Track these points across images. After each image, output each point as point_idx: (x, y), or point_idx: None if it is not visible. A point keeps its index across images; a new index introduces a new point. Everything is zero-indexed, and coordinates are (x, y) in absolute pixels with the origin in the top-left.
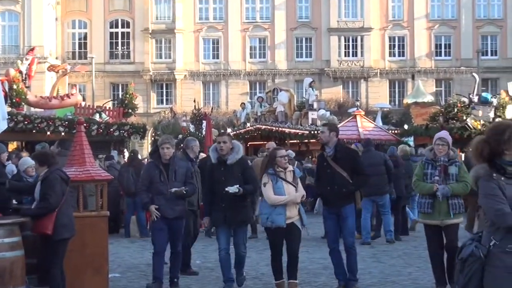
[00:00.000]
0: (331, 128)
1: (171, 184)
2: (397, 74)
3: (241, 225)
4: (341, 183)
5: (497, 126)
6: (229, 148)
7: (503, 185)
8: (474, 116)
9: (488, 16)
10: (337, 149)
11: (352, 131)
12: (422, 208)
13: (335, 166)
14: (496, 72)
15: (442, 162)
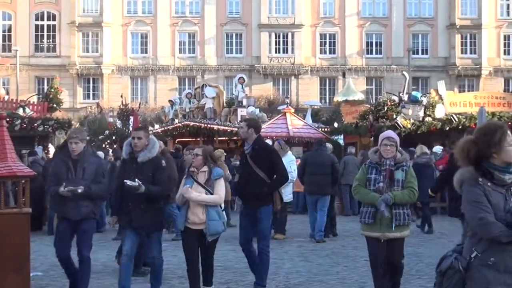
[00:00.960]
0: (250, 124)
1: (79, 182)
2: (327, 71)
3: (152, 230)
4: (257, 183)
5: (487, 126)
6: (144, 144)
7: (489, 191)
8: (404, 115)
9: (419, 15)
10: (255, 147)
11: (282, 129)
12: (363, 218)
13: (252, 164)
14: (426, 71)
15: (387, 166)
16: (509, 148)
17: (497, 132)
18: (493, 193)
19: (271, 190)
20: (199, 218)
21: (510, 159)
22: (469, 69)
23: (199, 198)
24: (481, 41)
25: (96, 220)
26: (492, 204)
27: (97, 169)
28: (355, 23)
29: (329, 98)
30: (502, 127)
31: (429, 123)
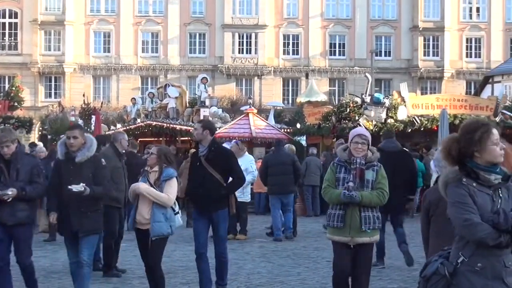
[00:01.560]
0: (205, 125)
1: (12, 184)
2: (291, 72)
3: (88, 234)
4: (213, 186)
5: (469, 124)
6: (81, 143)
7: (474, 191)
8: (367, 116)
9: (382, 17)
10: (211, 149)
11: (245, 129)
12: (332, 221)
13: (208, 166)
14: (389, 73)
15: (358, 165)
16: (492, 148)
17: (478, 130)
18: (479, 194)
19: (229, 192)
20: (144, 218)
21: (494, 159)
22: (432, 71)
23: (147, 190)
24: (443, 44)
25: (32, 224)
26: (478, 205)
27: (32, 170)
28: (319, 24)
29: (292, 99)
30: (484, 125)
31: (391, 125)
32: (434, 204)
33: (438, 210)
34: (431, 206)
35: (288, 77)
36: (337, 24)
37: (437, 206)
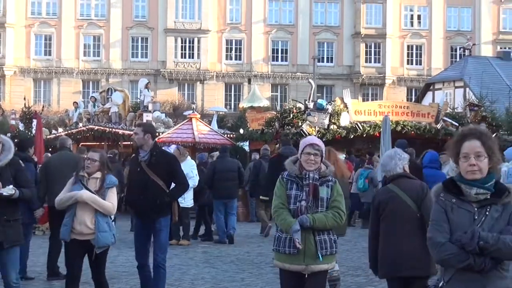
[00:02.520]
0: (146, 129)
1: None
2: (233, 77)
3: (13, 244)
4: (156, 193)
5: (459, 131)
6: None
7: (452, 208)
8: (310, 122)
9: (325, 23)
10: (153, 154)
11: (188, 134)
12: (282, 246)
13: (150, 172)
14: (331, 79)
15: (311, 181)
16: (460, 161)
17: (454, 141)
18: (457, 211)
19: (173, 199)
20: (87, 227)
21: (463, 173)
22: (373, 78)
23: (92, 199)
24: (385, 51)
25: None
26: (454, 223)
27: None
28: (261, 30)
29: (235, 104)
30: (461, 135)
31: (334, 131)
32: (384, 203)
33: (387, 210)
34: (381, 205)
35: (231, 82)
36: (279, 30)
37: (386, 206)
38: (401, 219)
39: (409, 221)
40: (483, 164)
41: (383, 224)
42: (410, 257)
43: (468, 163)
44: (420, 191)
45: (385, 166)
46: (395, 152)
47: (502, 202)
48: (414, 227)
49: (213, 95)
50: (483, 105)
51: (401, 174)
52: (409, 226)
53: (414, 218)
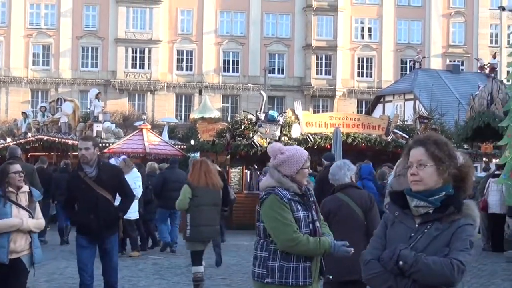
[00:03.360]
0: (95, 143)
1: None
2: (184, 88)
3: None
4: (107, 209)
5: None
6: None
7: (392, 221)
8: (261, 134)
9: (276, 35)
10: (100, 168)
11: (138, 145)
12: (294, 278)
13: (99, 188)
14: (282, 90)
15: (312, 198)
16: (408, 171)
17: (404, 151)
18: (397, 225)
19: (124, 214)
20: (21, 246)
21: (410, 185)
22: (324, 89)
23: (36, 225)
24: (336, 63)
25: None
26: (390, 239)
27: None
28: (213, 41)
29: (185, 115)
30: (409, 144)
31: (285, 142)
32: (333, 212)
33: (336, 218)
34: (331, 213)
35: (182, 93)
36: (231, 41)
37: (336, 214)
38: (350, 226)
39: (357, 228)
40: (425, 173)
41: (333, 231)
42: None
43: (409, 173)
44: (368, 201)
45: (334, 176)
46: (344, 163)
47: (450, 219)
48: (361, 234)
49: (163, 106)
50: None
51: (350, 184)
52: (357, 233)
53: (361, 226)
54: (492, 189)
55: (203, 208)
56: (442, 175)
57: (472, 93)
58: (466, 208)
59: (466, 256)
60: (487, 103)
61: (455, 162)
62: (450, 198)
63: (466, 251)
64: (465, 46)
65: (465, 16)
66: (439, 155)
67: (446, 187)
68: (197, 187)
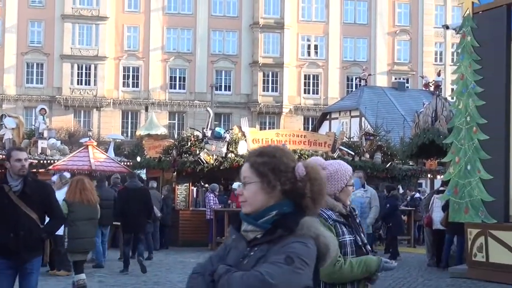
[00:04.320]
0: (27, 156)
1: None
2: (130, 105)
3: None
4: (29, 229)
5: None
6: None
7: (230, 246)
8: (207, 151)
9: (223, 51)
10: (26, 183)
11: (84, 162)
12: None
13: (23, 205)
14: (229, 107)
15: (357, 218)
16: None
17: None
18: (232, 250)
19: (50, 235)
20: None
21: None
22: (271, 106)
23: None
24: (282, 80)
25: None
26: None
27: None
28: (159, 57)
29: (132, 131)
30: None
31: (232, 159)
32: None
33: None
34: None
35: (128, 109)
36: (177, 58)
37: None
38: None
39: None
40: (249, 192)
41: None
42: None
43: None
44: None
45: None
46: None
47: (281, 241)
48: None
49: (110, 123)
50: (378, 134)
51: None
52: None
53: None
54: (437, 205)
55: (79, 222)
56: (270, 193)
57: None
58: (300, 229)
59: (272, 268)
60: (431, 120)
61: (288, 176)
62: (284, 218)
63: (276, 264)
64: (410, 63)
65: (410, 34)
66: (263, 170)
67: (278, 205)
68: (72, 203)
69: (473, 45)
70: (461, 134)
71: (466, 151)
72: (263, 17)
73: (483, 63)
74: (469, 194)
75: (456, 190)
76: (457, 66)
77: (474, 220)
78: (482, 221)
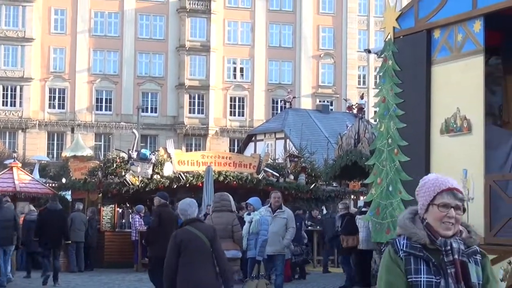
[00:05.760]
0: None
1: None
2: (56, 126)
3: None
4: None
5: None
6: None
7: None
8: (133, 172)
9: (149, 74)
10: None
11: (8, 184)
12: None
13: None
14: (155, 129)
15: (456, 256)
16: None
17: None
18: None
19: None
20: None
21: None
22: (197, 128)
23: None
24: (208, 102)
25: None
26: None
27: None
28: (85, 79)
29: (57, 153)
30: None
31: (158, 181)
32: (186, 242)
33: (189, 247)
34: (183, 243)
35: (54, 131)
36: (104, 80)
37: (189, 243)
38: (199, 253)
39: (205, 254)
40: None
41: (184, 258)
42: (208, 281)
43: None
44: (212, 232)
45: (185, 211)
46: (191, 201)
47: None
48: (208, 259)
49: (35, 144)
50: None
51: (196, 218)
52: (205, 258)
53: (208, 252)
54: (360, 226)
55: None
56: None
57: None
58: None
59: None
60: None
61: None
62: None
63: None
64: (334, 86)
65: (334, 57)
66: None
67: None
68: None
69: (394, 69)
70: (383, 156)
71: (387, 173)
72: (189, 40)
73: (404, 87)
74: (390, 215)
75: (378, 211)
76: (379, 89)
77: None
78: None
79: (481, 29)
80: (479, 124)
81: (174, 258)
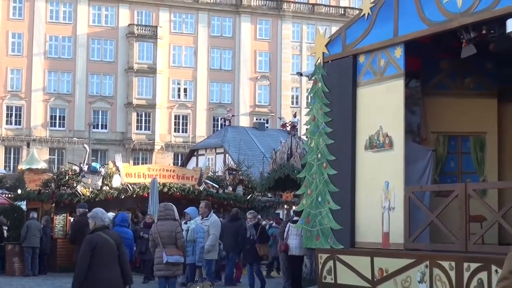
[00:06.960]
0: None
1: None
2: (13, 141)
3: None
4: None
5: None
6: None
7: None
8: (84, 184)
9: (100, 93)
10: None
11: None
12: None
13: None
14: (105, 144)
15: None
16: None
17: None
18: None
19: None
20: None
21: None
22: (144, 143)
23: None
24: (154, 119)
25: None
26: None
27: None
28: (41, 98)
29: (14, 166)
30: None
31: (107, 192)
32: (100, 245)
33: (102, 250)
34: (97, 246)
35: (11, 145)
36: (58, 98)
37: (102, 247)
38: (109, 255)
39: (113, 257)
40: None
41: (97, 259)
42: (115, 280)
43: None
44: (119, 238)
45: (100, 218)
46: (101, 210)
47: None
48: (115, 261)
49: None
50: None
51: (106, 226)
52: (113, 260)
53: (115, 256)
54: (292, 233)
55: None
56: None
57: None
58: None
59: None
60: (287, 156)
61: None
62: None
63: None
64: (269, 106)
65: (270, 79)
66: None
67: None
68: None
69: (323, 90)
70: (313, 169)
71: (317, 185)
72: (137, 62)
73: (332, 106)
74: (320, 223)
75: (308, 219)
76: (309, 108)
77: (324, 246)
78: (331, 247)
79: (402, 55)
80: (400, 141)
81: (88, 259)
